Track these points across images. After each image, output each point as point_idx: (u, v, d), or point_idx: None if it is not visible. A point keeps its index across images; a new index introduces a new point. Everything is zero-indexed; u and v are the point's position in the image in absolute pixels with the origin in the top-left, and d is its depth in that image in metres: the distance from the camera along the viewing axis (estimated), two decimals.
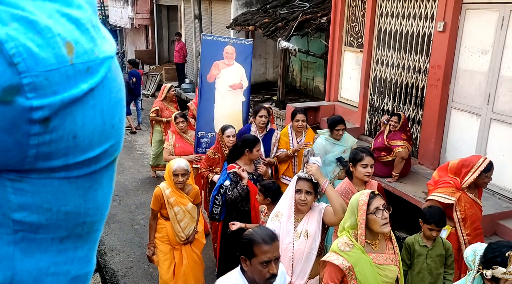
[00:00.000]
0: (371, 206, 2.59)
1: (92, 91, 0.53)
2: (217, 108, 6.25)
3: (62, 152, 0.52)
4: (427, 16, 5.98)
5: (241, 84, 6.31)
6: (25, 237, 0.54)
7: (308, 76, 11.21)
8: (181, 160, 4.22)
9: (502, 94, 5.10)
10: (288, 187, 3.28)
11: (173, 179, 4.08)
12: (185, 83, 14.43)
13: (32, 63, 0.48)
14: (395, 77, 6.68)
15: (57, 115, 0.50)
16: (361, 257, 2.56)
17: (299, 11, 9.13)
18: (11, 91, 0.47)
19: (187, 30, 15.13)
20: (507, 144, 5.08)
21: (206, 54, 6.30)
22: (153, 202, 4.25)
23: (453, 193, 3.66)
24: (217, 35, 7.55)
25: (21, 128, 0.49)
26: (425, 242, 3.47)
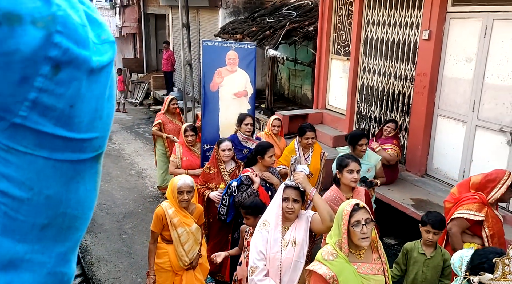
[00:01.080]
0: (353, 218, 2.58)
1: (100, 70, 0.56)
2: (222, 119, 5.92)
3: (55, 116, 0.53)
4: (413, 24, 6.06)
5: (245, 91, 6.03)
6: (7, 213, 0.54)
7: (296, 84, 11.27)
8: (186, 176, 3.87)
9: (486, 102, 5.17)
10: (275, 195, 3.27)
11: (177, 197, 3.72)
12: (173, 91, 14.40)
13: (64, 6, 0.51)
14: (382, 85, 6.74)
15: (67, 69, 0.52)
16: (345, 266, 2.56)
17: (286, 19, 9.19)
18: (47, 18, 0.49)
19: (175, 38, 15.13)
20: (492, 151, 5.14)
21: (208, 61, 5.95)
22: (154, 223, 3.80)
23: (481, 208, 3.49)
24: (218, 41, 7.23)
25: (35, 63, 0.50)
26: (424, 249, 3.46)
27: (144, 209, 7.07)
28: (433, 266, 3.39)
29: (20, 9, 0.48)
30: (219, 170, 4.74)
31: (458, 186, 3.87)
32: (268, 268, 3.07)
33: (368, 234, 2.58)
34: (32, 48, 0.49)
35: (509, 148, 4.93)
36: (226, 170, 4.76)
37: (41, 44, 0.50)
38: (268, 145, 4.43)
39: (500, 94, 5.00)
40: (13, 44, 0.48)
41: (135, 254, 5.71)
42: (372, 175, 4.70)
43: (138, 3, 18.06)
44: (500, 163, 5.03)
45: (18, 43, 0.48)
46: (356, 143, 4.67)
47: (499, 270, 1.90)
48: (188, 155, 5.70)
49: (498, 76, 5.01)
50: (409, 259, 3.50)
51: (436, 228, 3.39)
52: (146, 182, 8.27)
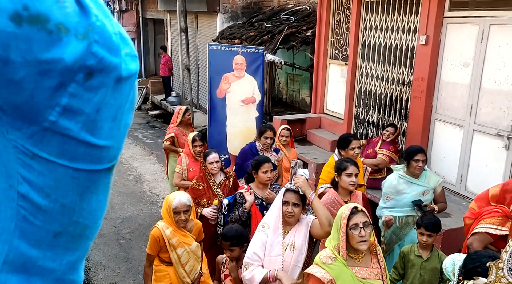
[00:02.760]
0: (351, 221, 2.59)
1: (126, 80, 0.58)
2: (229, 127, 5.66)
3: (82, 120, 0.55)
4: (410, 29, 6.09)
5: (253, 98, 5.76)
6: (25, 217, 0.57)
7: (294, 88, 11.28)
8: (182, 194, 3.63)
9: (483, 106, 5.19)
10: (276, 198, 3.27)
11: (173, 218, 3.50)
12: (171, 96, 14.42)
13: (101, 16, 0.55)
14: (380, 90, 6.76)
15: (99, 75, 0.55)
16: (343, 270, 2.55)
17: (284, 24, 9.22)
18: (88, 29, 0.53)
19: (173, 43, 15.16)
20: (489, 155, 5.15)
21: (214, 67, 5.70)
22: (150, 245, 3.57)
23: (504, 222, 3.20)
24: (224, 45, 6.90)
25: (73, 71, 0.53)
26: (420, 252, 3.48)
27: (141, 214, 7.05)
28: (430, 269, 3.40)
29: (68, 23, 0.51)
30: (209, 185, 4.45)
31: (476, 200, 3.58)
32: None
33: (366, 238, 2.58)
34: (74, 58, 0.52)
35: (507, 152, 4.94)
36: (216, 183, 4.50)
37: (82, 54, 0.53)
38: (263, 159, 4.07)
39: (497, 98, 5.01)
40: (58, 53, 0.51)
41: (133, 259, 5.70)
42: (428, 199, 4.14)
43: (136, 8, 18.12)
44: (497, 167, 5.04)
45: (63, 53, 0.51)
46: (411, 158, 4.14)
47: (493, 274, 1.89)
48: (194, 165, 5.28)
49: (495, 81, 5.03)
50: (407, 262, 3.52)
51: (429, 230, 3.43)
52: (144, 186, 8.26)
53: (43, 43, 0.50)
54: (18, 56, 0.49)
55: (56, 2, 0.50)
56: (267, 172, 3.94)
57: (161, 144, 11.33)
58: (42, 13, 0.49)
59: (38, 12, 0.49)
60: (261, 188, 4.02)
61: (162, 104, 14.70)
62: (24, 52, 0.50)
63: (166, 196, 7.79)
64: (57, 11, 0.50)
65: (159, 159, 10.01)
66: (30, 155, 0.55)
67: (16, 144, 0.55)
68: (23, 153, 0.55)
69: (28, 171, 0.56)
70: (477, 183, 5.24)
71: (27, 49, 0.50)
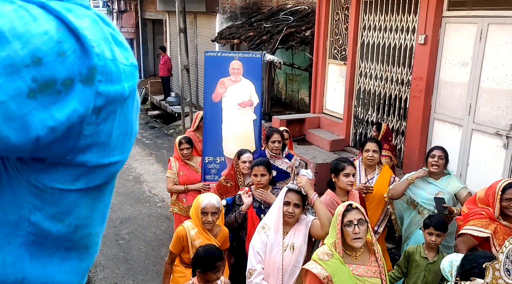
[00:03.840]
0: (345, 218, 2.61)
1: (130, 95, 0.59)
2: (225, 130, 5.60)
3: (97, 149, 0.57)
4: (409, 29, 6.09)
5: (251, 101, 5.64)
6: (35, 241, 0.58)
7: (293, 88, 11.28)
8: (212, 196, 3.55)
9: (482, 105, 5.19)
10: (277, 199, 3.25)
11: (201, 218, 3.40)
12: (170, 96, 14.42)
13: (102, 49, 0.54)
14: (379, 89, 6.76)
15: (106, 107, 0.55)
16: (340, 267, 2.56)
17: (283, 24, 9.22)
18: (93, 71, 0.53)
19: (172, 43, 15.16)
20: (488, 154, 5.15)
21: (210, 72, 5.66)
22: (174, 243, 3.50)
23: (488, 224, 3.20)
24: (221, 51, 6.96)
25: (87, 116, 0.54)
26: (426, 253, 3.46)
27: (141, 214, 7.05)
28: (434, 271, 3.38)
29: (72, 73, 0.51)
30: (237, 183, 4.39)
31: (466, 203, 3.64)
32: (266, 271, 3.07)
33: (360, 235, 2.58)
34: (86, 105, 0.53)
35: (505, 151, 4.94)
36: (244, 183, 4.39)
37: (91, 99, 0.53)
38: (258, 162, 3.98)
39: (496, 98, 5.01)
40: (72, 107, 0.52)
41: (132, 259, 5.70)
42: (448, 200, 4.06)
43: (135, 9, 18.11)
44: (496, 166, 5.04)
45: (74, 105, 0.52)
46: (428, 155, 4.20)
47: (489, 275, 1.89)
48: (184, 169, 5.27)
49: (493, 80, 5.03)
50: (411, 262, 3.50)
51: (439, 229, 3.40)
52: (143, 187, 8.26)
53: (58, 104, 0.51)
54: (41, 128, 0.50)
55: (58, 58, 0.50)
56: (257, 175, 3.85)
57: (161, 144, 11.33)
58: (48, 77, 0.50)
59: (45, 78, 0.49)
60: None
61: (161, 105, 14.70)
62: (46, 121, 0.50)
63: (164, 196, 7.84)
64: (60, 67, 0.50)
65: (158, 159, 10.01)
66: (42, 187, 0.56)
67: (29, 178, 0.55)
68: (35, 186, 0.56)
69: (40, 201, 0.57)
70: (476, 182, 5.24)
71: (48, 117, 0.50)
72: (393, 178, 4.35)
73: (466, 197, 4.01)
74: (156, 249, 5.89)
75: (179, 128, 12.51)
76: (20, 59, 0.47)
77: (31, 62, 0.48)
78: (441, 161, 4.11)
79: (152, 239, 6.23)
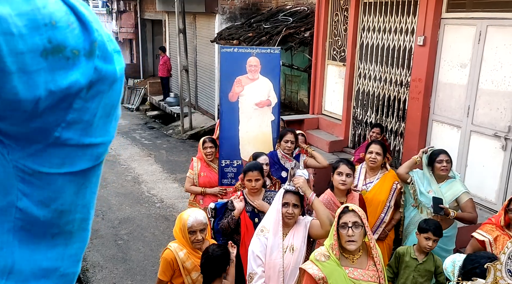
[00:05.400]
0: (341, 220, 2.61)
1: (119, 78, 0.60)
2: (242, 132, 5.33)
3: (81, 127, 0.57)
4: (408, 30, 6.10)
5: (268, 100, 5.37)
6: (23, 227, 0.58)
7: (292, 89, 11.29)
8: (198, 211, 3.29)
9: (481, 107, 5.20)
10: (274, 201, 3.23)
11: (188, 238, 3.18)
12: (170, 97, 14.42)
13: (99, 26, 0.56)
14: (378, 91, 6.77)
15: (97, 85, 0.56)
16: (336, 269, 2.56)
17: (282, 25, 9.23)
18: (93, 45, 0.54)
19: (171, 44, 15.16)
20: (486, 156, 5.17)
21: (226, 70, 5.38)
22: (163, 270, 3.21)
23: (492, 231, 3.25)
24: (237, 46, 6.61)
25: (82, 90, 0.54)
26: (416, 255, 3.48)
27: (140, 214, 7.05)
28: (424, 271, 3.41)
29: (78, 44, 0.53)
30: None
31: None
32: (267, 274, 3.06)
33: (355, 238, 2.57)
34: (87, 78, 0.54)
35: (504, 153, 4.95)
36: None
37: (92, 73, 0.54)
38: (250, 167, 3.86)
39: (494, 99, 5.03)
40: (75, 77, 0.53)
41: (131, 260, 5.69)
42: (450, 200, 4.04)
43: (134, 9, 18.12)
44: (494, 168, 5.05)
45: (78, 76, 0.53)
46: (434, 161, 4.09)
47: (491, 275, 1.90)
48: (206, 170, 5.12)
49: (492, 82, 5.04)
50: (401, 263, 3.53)
51: (437, 235, 3.43)
52: (142, 187, 8.26)
53: (63, 71, 0.52)
54: (43, 89, 0.51)
55: (68, 27, 0.52)
56: (251, 180, 3.75)
57: (160, 144, 11.34)
58: (61, 42, 0.51)
59: (58, 41, 0.51)
60: (252, 195, 3.81)
61: (161, 105, 14.70)
62: (49, 84, 0.51)
63: (163, 196, 7.84)
64: (70, 36, 0.52)
65: (157, 159, 10.01)
66: (30, 172, 0.56)
67: (17, 164, 0.56)
68: (22, 171, 0.56)
69: (28, 186, 0.57)
70: (474, 183, 5.25)
71: (51, 80, 0.51)
72: (395, 185, 4.24)
73: (466, 202, 3.99)
74: (155, 250, 5.89)
75: (178, 129, 12.51)
76: (41, 17, 0.50)
77: (49, 23, 0.50)
78: (449, 164, 4.10)
79: (151, 240, 6.23)
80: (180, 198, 7.60)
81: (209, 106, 12.77)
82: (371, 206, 4.20)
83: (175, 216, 6.89)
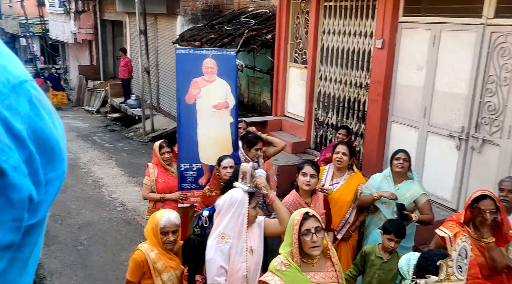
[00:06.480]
0: (303, 227, 2.58)
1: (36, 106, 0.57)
2: (200, 134, 5.28)
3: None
4: (367, 33, 6.25)
5: (226, 102, 5.36)
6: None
7: (255, 91, 11.33)
8: (171, 212, 3.29)
9: (437, 108, 5.39)
10: (236, 205, 3.08)
11: (160, 238, 3.16)
12: (131, 99, 14.18)
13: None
14: (339, 92, 6.90)
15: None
16: (298, 276, 2.54)
17: (244, 27, 9.26)
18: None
19: (132, 45, 14.91)
20: (442, 155, 5.36)
21: (182, 72, 5.31)
22: (132, 271, 3.17)
23: (453, 227, 3.31)
24: (193, 48, 6.57)
25: None
26: (381, 254, 3.56)
27: (100, 219, 6.89)
28: (388, 270, 3.49)
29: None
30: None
31: None
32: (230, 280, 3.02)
33: (318, 243, 2.58)
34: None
35: (458, 153, 5.15)
36: None
37: None
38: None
39: (449, 101, 5.22)
40: None
41: (91, 265, 5.55)
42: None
43: (94, 9, 17.70)
44: (450, 167, 5.24)
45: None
46: (393, 158, 4.25)
47: (443, 272, 1.97)
48: (164, 176, 5.06)
49: (446, 84, 5.24)
50: (367, 262, 3.60)
51: (399, 237, 3.51)
52: (103, 191, 8.08)
53: None
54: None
55: None
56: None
57: (121, 147, 11.11)
58: None
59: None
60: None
61: (122, 108, 14.43)
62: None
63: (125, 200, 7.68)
64: None
65: (118, 162, 9.81)
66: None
67: None
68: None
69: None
70: (431, 182, 5.44)
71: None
72: (360, 186, 4.33)
73: (424, 204, 4.11)
74: (117, 254, 5.76)
75: (140, 131, 12.31)
76: None
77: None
78: (406, 163, 4.20)
79: (112, 244, 6.09)
80: (142, 201, 7.45)
81: (171, 108, 12.62)
82: (336, 206, 4.27)
83: (137, 220, 6.80)
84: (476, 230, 3.21)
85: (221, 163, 4.35)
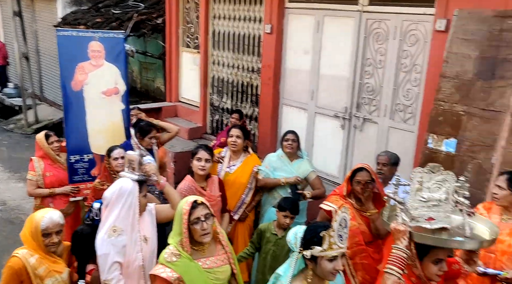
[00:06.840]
0: (192, 215, 2.57)
1: None
2: (90, 123, 5.00)
3: None
4: (256, 19, 6.38)
5: (116, 88, 5.12)
6: None
7: (148, 77, 11.01)
8: (53, 212, 2.98)
9: (323, 91, 5.71)
10: (125, 196, 2.97)
11: (42, 241, 2.87)
12: (8, 88, 12.95)
13: None
14: (232, 77, 6.97)
15: None
16: (189, 265, 2.54)
17: (133, 11, 8.90)
18: None
19: (6, 28, 13.55)
20: (329, 134, 5.71)
21: (66, 56, 4.93)
22: (5, 281, 2.84)
23: (337, 201, 3.46)
24: (76, 29, 5.99)
25: None
26: (276, 230, 3.70)
27: None
28: (282, 245, 3.65)
29: None
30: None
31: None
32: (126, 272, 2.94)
33: (208, 230, 2.60)
34: None
35: (343, 132, 5.53)
36: None
37: None
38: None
39: (333, 83, 5.56)
40: None
41: None
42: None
43: None
44: (336, 145, 5.61)
45: None
46: (283, 139, 4.52)
47: (326, 242, 2.12)
48: (52, 169, 4.75)
49: (330, 68, 5.56)
50: (263, 239, 3.74)
51: (294, 213, 3.67)
52: None
53: None
54: None
55: None
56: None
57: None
58: None
59: None
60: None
61: None
62: None
63: (6, 198, 7.05)
64: None
65: None
66: None
67: None
68: None
69: None
70: (320, 160, 5.78)
71: None
72: (256, 167, 4.48)
73: (315, 180, 4.44)
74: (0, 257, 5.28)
75: (21, 122, 11.31)
76: None
77: None
78: (294, 143, 4.47)
79: None
80: (27, 198, 6.88)
81: (57, 97, 11.75)
82: (233, 187, 4.39)
83: (22, 218, 6.28)
84: (358, 201, 3.47)
85: (111, 154, 4.22)
